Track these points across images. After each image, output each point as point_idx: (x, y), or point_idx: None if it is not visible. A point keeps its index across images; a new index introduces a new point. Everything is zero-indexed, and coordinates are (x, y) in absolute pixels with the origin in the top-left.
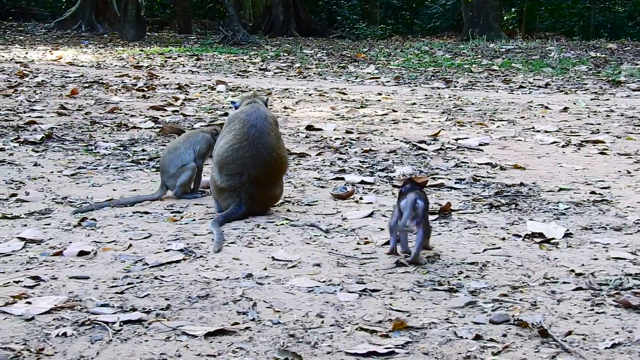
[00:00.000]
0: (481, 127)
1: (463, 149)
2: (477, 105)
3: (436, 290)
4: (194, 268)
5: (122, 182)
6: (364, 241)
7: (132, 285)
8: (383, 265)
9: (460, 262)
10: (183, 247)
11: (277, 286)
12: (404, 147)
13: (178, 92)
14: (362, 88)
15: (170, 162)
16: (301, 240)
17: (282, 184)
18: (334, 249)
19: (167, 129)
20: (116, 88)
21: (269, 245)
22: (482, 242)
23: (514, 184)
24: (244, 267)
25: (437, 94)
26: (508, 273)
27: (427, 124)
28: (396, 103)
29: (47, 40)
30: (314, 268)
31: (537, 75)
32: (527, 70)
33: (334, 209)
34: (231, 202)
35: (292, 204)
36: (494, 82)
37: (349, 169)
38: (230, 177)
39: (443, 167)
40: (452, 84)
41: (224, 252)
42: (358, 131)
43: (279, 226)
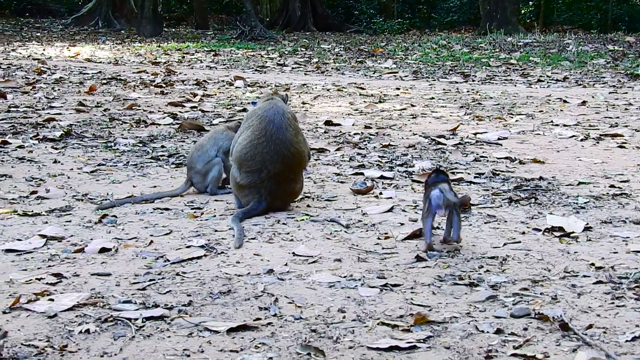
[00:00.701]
0: (500, 122)
1: (482, 144)
2: (496, 99)
3: (457, 285)
4: (215, 264)
5: (141, 179)
6: (384, 236)
7: (153, 282)
8: (404, 260)
9: (481, 257)
10: (204, 243)
11: (298, 281)
12: (423, 142)
13: (196, 88)
14: (380, 83)
15: (197, 159)
16: (322, 236)
17: (302, 179)
18: (355, 244)
19: (186, 125)
20: (134, 84)
21: (289, 240)
22: (502, 237)
23: (533, 178)
24: (265, 263)
25: (455, 89)
26: (528, 267)
27: (445, 119)
28: (414, 98)
29: (64, 37)
30: (334, 263)
31: (555, 68)
32: (545, 63)
33: (354, 204)
34: (251, 198)
35: (312, 199)
36: (512, 76)
37: (368, 164)
38: (250, 173)
39: (462, 162)
40: (470, 78)
41: (244, 248)
42: (377, 126)
43: (299, 222)
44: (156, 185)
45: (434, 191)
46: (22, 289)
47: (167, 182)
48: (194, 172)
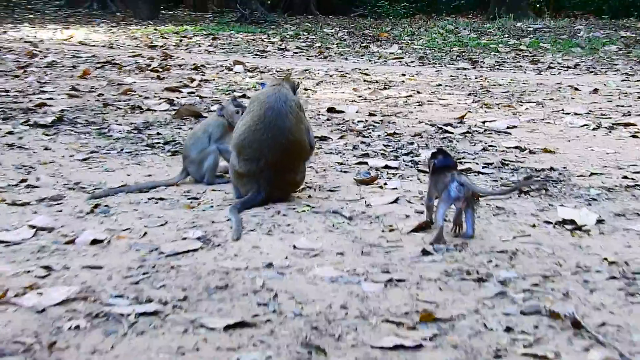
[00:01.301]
0: (509, 110)
1: (490, 132)
2: (505, 86)
3: (464, 280)
4: (211, 257)
5: (136, 167)
6: (388, 228)
7: (147, 276)
8: (409, 253)
9: (489, 251)
10: (200, 235)
11: (298, 276)
12: (429, 130)
13: (194, 72)
14: (385, 69)
15: (191, 148)
16: (323, 228)
17: (303, 169)
18: (358, 237)
19: (183, 112)
20: (129, 69)
21: (289, 233)
22: (511, 230)
23: (543, 168)
24: (264, 256)
25: (462, 75)
26: (539, 262)
27: (452, 106)
28: (420, 84)
29: (58, 19)
30: (337, 257)
31: (566, 55)
32: (556, 50)
33: (357, 194)
34: (250, 188)
35: (313, 189)
36: (522, 62)
37: (373, 153)
38: (248, 162)
39: (470, 151)
40: (478, 65)
41: (243, 240)
42: (381, 114)
43: (300, 213)
44: (151, 174)
45: (452, 183)
46: (10, 282)
47: (163, 171)
48: (189, 161)
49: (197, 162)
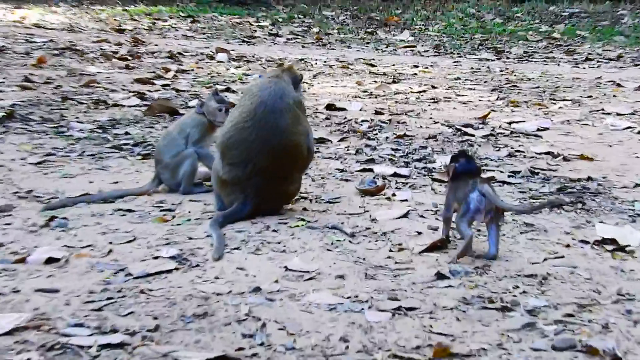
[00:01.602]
0: (539, 108)
1: (518, 135)
2: (535, 81)
3: (486, 309)
4: (188, 279)
5: (100, 173)
6: (397, 248)
7: (112, 301)
8: (421, 277)
9: (516, 275)
10: (175, 254)
11: (291, 303)
12: (446, 132)
13: (169, 62)
14: (394, 59)
15: (164, 150)
16: (320, 246)
17: (298, 178)
18: (361, 257)
19: (156, 108)
20: (93, 56)
21: (280, 252)
22: (541, 250)
23: (579, 178)
24: (250, 279)
25: (485, 67)
26: (574, 288)
27: (473, 104)
28: (436, 78)
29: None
30: (336, 281)
31: (607, 45)
32: (595, 39)
33: (361, 207)
34: (235, 198)
35: (309, 200)
36: (555, 53)
37: (379, 159)
38: (233, 166)
39: (493, 157)
40: (504, 55)
41: (225, 259)
42: (390, 112)
43: (293, 228)
44: (118, 181)
45: (473, 193)
46: None
47: (132, 178)
48: (162, 167)
49: (172, 168)
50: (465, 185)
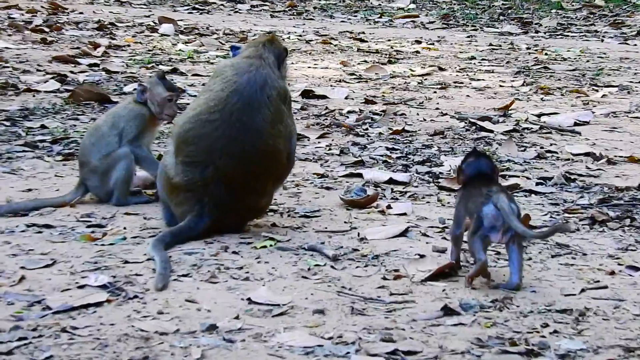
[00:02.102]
0: (577, 97)
1: (549, 131)
2: (571, 62)
3: (507, 354)
4: (124, 315)
5: (9, 178)
6: (393, 275)
7: (25, 342)
8: (424, 313)
9: (545, 310)
10: (107, 282)
11: (255, 345)
12: (457, 127)
13: (98, 35)
14: (390, 32)
15: (91, 149)
16: (294, 273)
17: (271, 191)
18: (346, 287)
19: (81, 94)
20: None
21: (243, 279)
22: (578, 278)
23: (628, 186)
24: (203, 315)
25: (508, 44)
26: (619, 327)
27: (492, 91)
28: (444, 57)
29: None
30: (314, 316)
31: None
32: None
33: (347, 223)
34: (188, 209)
35: (279, 214)
36: (597, 25)
37: (370, 161)
38: (189, 166)
39: (518, 159)
40: (531, 28)
41: (171, 289)
42: (384, 100)
43: (259, 250)
44: (32, 189)
45: (486, 206)
46: None
47: (50, 184)
48: (89, 170)
49: (102, 172)
50: (479, 195)
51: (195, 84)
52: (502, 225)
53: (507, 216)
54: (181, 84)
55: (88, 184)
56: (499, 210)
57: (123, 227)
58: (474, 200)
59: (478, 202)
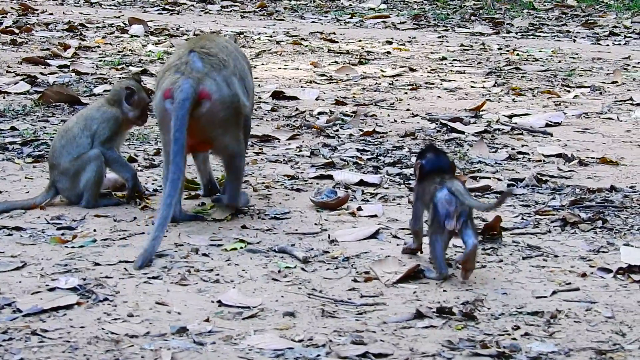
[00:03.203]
0: (549, 98)
1: (521, 132)
2: (543, 62)
3: (479, 356)
4: (94, 317)
5: None
6: (364, 277)
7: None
8: (394, 315)
9: (516, 312)
10: (77, 285)
11: (226, 347)
12: (428, 128)
13: (68, 36)
14: (361, 33)
15: (61, 151)
16: (264, 275)
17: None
18: (317, 289)
19: (51, 96)
20: None
21: (213, 282)
22: (550, 280)
23: (600, 188)
24: (173, 317)
25: (479, 44)
26: (591, 329)
27: (463, 92)
28: (415, 57)
29: None
30: (284, 319)
31: (637, 15)
32: (621, 7)
33: (317, 225)
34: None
35: (250, 216)
36: (570, 26)
37: (341, 162)
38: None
39: (489, 160)
40: (503, 29)
41: (141, 291)
42: (355, 101)
43: (229, 252)
44: (2, 191)
45: (440, 192)
46: None
47: (20, 186)
48: (60, 173)
49: (72, 174)
50: (431, 184)
51: None
52: (455, 210)
53: (462, 195)
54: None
55: (58, 186)
56: (452, 194)
57: (93, 230)
58: (429, 190)
59: (432, 190)
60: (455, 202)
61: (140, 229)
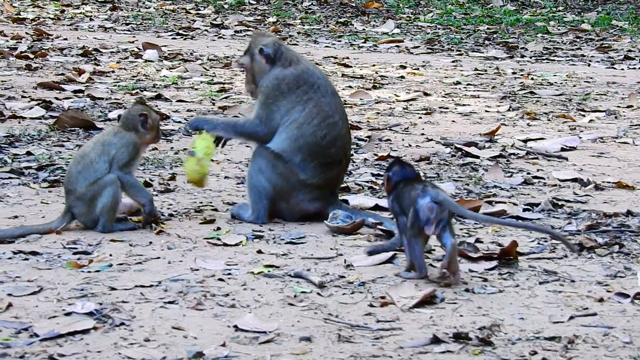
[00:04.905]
0: (564, 122)
1: (536, 157)
2: (558, 86)
3: None
4: (111, 342)
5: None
6: (380, 302)
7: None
8: (411, 340)
9: (534, 337)
10: (94, 309)
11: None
12: (443, 153)
13: (83, 61)
14: (374, 57)
15: (77, 177)
16: (281, 300)
17: None
18: (333, 314)
19: (66, 121)
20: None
21: (229, 306)
22: (567, 305)
23: (616, 212)
24: (190, 342)
25: (493, 68)
26: (609, 354)
27: (478, 116)
28: (429, 82)
29: None
30: (301, 344)
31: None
32: (636, 31)
33: (332, 249)
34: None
35: (265, 241)
36: (584, 49)
37: (356, 187)
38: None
39: (504, 185)
40: (517, 53)
41: (158, 317)
42: (369, 126)
43: (245, 276)
44: (18, 216)
45: (422, 199)
46: None
47: (36, 211)
48: (76, 198)
49: (88, 199)
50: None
51: (180, 109)
52: (435, 218)
53: (450, 203)
54: (165, 110)
55: (74, 211)
56: (434, 202)
57: (109, 254)
58: (407, 197)
59: (412, 197)
60: (437, 209)
61: (156, 254)
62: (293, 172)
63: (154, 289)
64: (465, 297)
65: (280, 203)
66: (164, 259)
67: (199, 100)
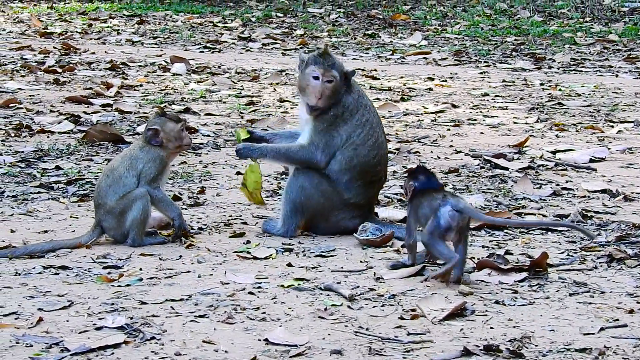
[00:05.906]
0: (593, 133)
1: (565, 168)
2: (586, 97)
3: None
4: (142, 357)
5: (24, 219)
6: (410, 315)
7: None
8: (442, 353)
9: (564, 349)
10: (124, 323)
11: None
12: (471, 164)
13: (111, 75)
14: (402, 69)
15: (107, 191)
16: (311, 313)
17: None
18: (363, 327)
19: (95, 135)
20: (12, 68)
21: (259, 320)
22: (597, 317)
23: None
24: (221, 356)
25: (521, 80)
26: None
27: (506, 128)
28: (457, 93)
29: None
30: (332, 357)
31: None
32: None
33: (362, 262)
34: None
35: (295, 254)
36: (612, 60)
37: (385, 199)
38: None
39: (533, 197)
40: (545, 64)
41: (188, 331)
42: (397, 138)
43: (275, 290)
44: (48, 230)
45: (444, 207)
46: None
47: (65, 225)
48: (105, 212)
49: (118, 214)
50: (432, 200)
51: (208, 123)
52: (457, 226)
53: (472, 210)
54: (194, 124)
55: (104, 225)
56: (455, 211)
57: (139, 268)
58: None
59: (434, 205)
60: (458, 217)
61: (186, 268)
62: (338, 192)
63: (184, 303)
64: (496, 309)
65: (319, 221)
66: (194, 273)
67: (227, 113)
